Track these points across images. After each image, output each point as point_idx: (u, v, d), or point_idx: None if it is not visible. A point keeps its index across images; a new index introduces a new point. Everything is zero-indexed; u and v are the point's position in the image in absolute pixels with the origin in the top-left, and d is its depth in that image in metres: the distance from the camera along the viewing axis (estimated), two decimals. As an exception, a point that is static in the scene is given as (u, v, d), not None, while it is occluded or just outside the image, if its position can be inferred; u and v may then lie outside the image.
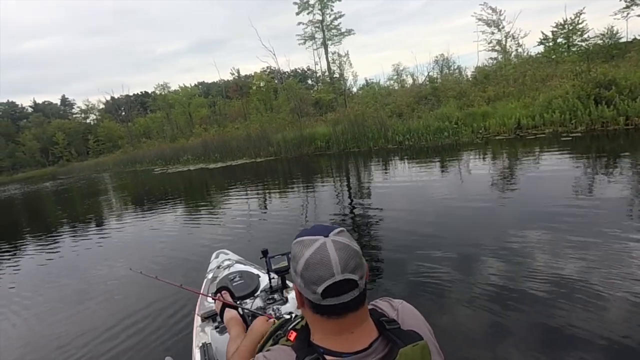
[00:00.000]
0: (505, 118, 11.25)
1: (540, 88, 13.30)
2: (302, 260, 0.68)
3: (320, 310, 0.70)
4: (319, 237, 0.70)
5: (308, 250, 0.68)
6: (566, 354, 2.21)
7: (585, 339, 2.28)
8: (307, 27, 27.89)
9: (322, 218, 6.14)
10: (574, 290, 2.78)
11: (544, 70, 15.62)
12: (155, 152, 27.09)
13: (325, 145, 15.16)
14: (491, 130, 11.41)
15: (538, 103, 11.58)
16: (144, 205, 10.76)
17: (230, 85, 38.32)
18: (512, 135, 10.79)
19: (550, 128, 10.34)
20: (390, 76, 28.79)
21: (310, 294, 0.68)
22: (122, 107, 55.45)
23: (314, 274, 0.67)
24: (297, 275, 0.70)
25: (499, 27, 22.41)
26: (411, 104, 16.61)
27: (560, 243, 3.62)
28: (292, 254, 0.73)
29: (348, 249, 0.69)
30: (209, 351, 1.68)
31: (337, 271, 0.66)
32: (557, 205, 4.67)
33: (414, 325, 0.77)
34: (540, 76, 14.89)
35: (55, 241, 7.79)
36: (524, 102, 12.18)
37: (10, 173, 51.34)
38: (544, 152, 8.37)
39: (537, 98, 12.04)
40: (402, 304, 0.83)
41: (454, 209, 5.40)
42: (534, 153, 8.44)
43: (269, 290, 1.98)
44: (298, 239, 0.73)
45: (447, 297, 3.02)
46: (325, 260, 0.67)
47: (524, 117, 11.03)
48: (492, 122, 11.44)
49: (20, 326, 3.93)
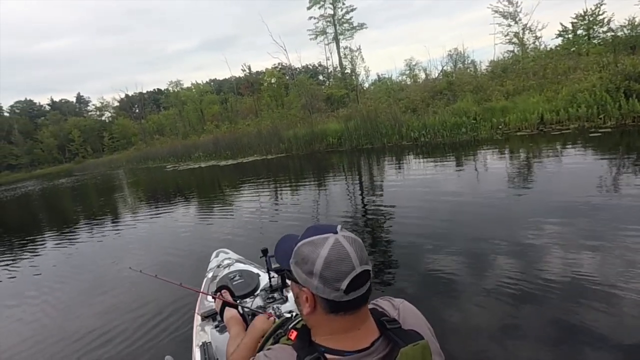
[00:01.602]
0: (527, 113, 10.70)
1: (563, 81, 12.71)
2: (319, 260, 0.67)
3: (338, 308, 0.69)
4: (328, 234, 0.70)
5: (323, 248, 0.68)
6: (580, 354, 2.14)
7: (600, 339, 2.21)
8: (319, 22, 27.47)
9: (331, 216, 5.97)
10: (591, 289, 2.70)
11: (566, 63, 14.95)
12: (167, 149, 27.22)
13: (337, 142, 14.83)
14: (511, 126, 10.88)
15: (561, 97, 11.03)
16: (151, 202, 10.76)
17: (242, 82, 38.31)
18: (534, 131, 10.24)
19: (576, 123, 9.77)
20: (403, 71, 28.25)
21: (331, 292, 0.67)
22: (135, 104, 56.17)
23: (336, 270, 0.66)
24: (313, 277, 0.68)
25: (515, 20, 21.71)
26: (426, 98, 16.13)
27: (578, 242, 3.50)
28: (299, 257, 0.71)
29: (357, 241, 0.71)
30: (209, 350, 1.67)
31: (356, 264, 0.67)
32: (578, 203, 4.47)
33: (415, 325, 0.77)
34: (562, 69, 14.25)
35: (63, 237, 7.84)
36: (546, 96, 11.62)
37: (29, 169, 52.64)
38: (569, 148, 7.90)
39: (560, 91, 11.49)
40: (403, 304, 0.83)
41: (469, 205, 5.23)
42: (558, 150, 7.96)
43: (269, 289, 1.97)
44: (305, 241, 0.71)
45: (459, 293, 2.98)
46: (344, 255, 0.67)
47: (547, 111, 10.48)
48: (513, 118, 10.91)
49: (18, 325, 3.90)
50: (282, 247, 0.80)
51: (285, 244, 0.79)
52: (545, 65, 15.10)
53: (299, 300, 0.75)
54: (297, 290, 0.76)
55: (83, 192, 18.37)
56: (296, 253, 0.72)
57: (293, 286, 0.78)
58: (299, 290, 0.74)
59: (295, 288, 0.77)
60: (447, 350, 0.76)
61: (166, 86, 45.34)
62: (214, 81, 52.61)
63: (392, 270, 3.61)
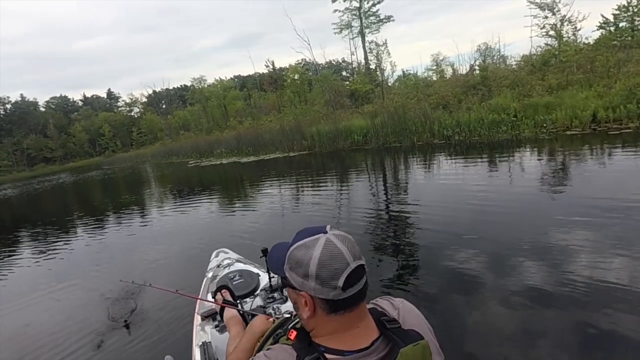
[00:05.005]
0: (578, 110, 9.62)
1: (615, 75, 11.47)
2: (312, 261, 0.67)
3: (337, 306, 0.68)
4: (318, 235, 0.70)
5: (315, 250, 0.68)
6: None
7: (627, 347, 2.11)
8: (344, 15, 26.77)
9: (349, 218, 5.69)
10: (619, 297, 2.58)
11: (615, 55, 13.58)
12: (190, 144, 27.33)
13: (363, 140, 14.10)
14: (558, 124, 9.83)
15: (614, 92, 9.88)
16: (170, 199, 10.73)
17: (265, 78, 38.14)
18: (587, 130, 9.17)
19: (637, 122, 8.64)
20: (429, 66, 27.03)
21: (329, 292, 0.67)
22: (162, 100, 57.43)
23: (331, 268, 0.66)
24: (309, 279, 0.68)
25: (553, 11, 20.25)
26: (458, 94, 15.13)
27: (614, 251, 3.26)
28: (293, 262, 0.71)
29: (348, 238, 0.71)
30: (209, 350, 1.66)
31: (350, 260, 0.67)
32: (618, 209, 4.07)
33: (415, 325, 0.76)
34: (613, 61, 12.93)
35: (70, 235, 8.04)
36: (596, 91, 10.47)
37: (62, 162, 54.98)
38: (630, 150, 6.90)
39: (613, 86, 10.32)
40: (403, 303, 0.82)
41: (503, 207, 4.93)
42: (617, 151, 7.00)
43: (269, 289, 1.96)
44: (296, 245, 0.72)
45: (483, 293, 2.94)
46: (337, 253, 0.67)
47: (601, 108, 9.37)
48: (561, 115, 9.84)
49: (17, 324, 3.91)
50: (275, 255, 0.79)
51: (277, 252, 0.79)
52: (593, 58, 13.79)
53: (298, 305, 0.75)
54: (294, 296, 0.75)
55: (110, 185, 18.81)
56: (289, 258, 0.72)
57: (290, 292, 0.76)
58: (296, 295, 0.73)
59: (292, 294, 0.76)
60: (466, 351, 0.95)
61: (190, 82, 45.99)
62: (237, 77, 52.78)
63: (414, 270, 3.58)
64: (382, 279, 3.39)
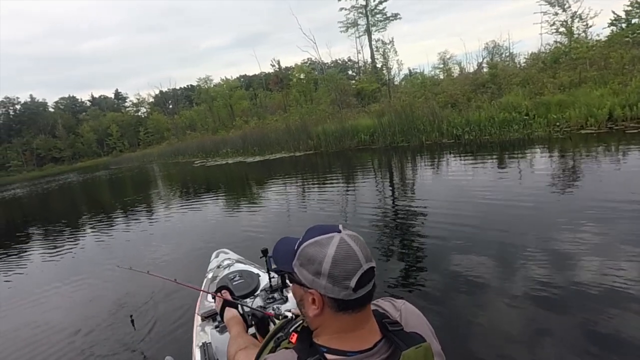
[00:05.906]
0: (593, 108, 9.32)
1: (630, 71, 11.13)
2: (326, 259, 0.67)
3: (346, 306, 0.68)
4: (333, 234, 0.70)
5: (330, 248, 0.67)
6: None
7: (634, 349, 2.07)
8: (350, 13, 26.55)
9: (355, 217, 5.59)
10: (627, 297, 2.53)
11: (630, 52, 13.20)
12: (196, 144, 27.36)
13: (370, 139, 13.89)
14: (572, 123, 9.54)
15: (630, 89, 9.56)
16: (172, 200, 10.65)
17: (271, 77, 38.08)
18: (603, 128, 8.87)
19: (655, 120, 8.35)
20: (436, 65, 26.68)
21: (340, 291, 0.67)
22: (169, 100, 57.70)
23: (345, 268, 0.66)
24: (321, 277, 0.67)
25: (564, 7, 19.81)
26: (466, 92, 14.85)
27: (624, 252, 3.17)
28: (305, 258, 0.70)
29: (360, 240, 0.71)
30: (209, 350, 1.67)
31: (362, 262, 0.67)
32: (633, 211, 3.93)
33: (417, 327, 0.76)
34: (627, 58, 12.56)
35: (70, 234, 8.02)
36: (611, 88, 10.15)
37: (70, 162, 55.59)
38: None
39: (629, 83, 10.00)
40: (404, 305, 0.82)
41: (513, 208, 4.80)
42: (633, 151, 6.72)
43: (269, 290, 1.96)
44: (309, 241, 0.71)
45: (489, 295, 2.90)
46: (351, 253, 0.67)
47: (618, 106, 9.06)
48: (574, 114, 9.55)
49: (15, 324, 3.91)
50: (282, 249, 0.79)
51: (284, 246, 0.79)
52: (607, 55, 13.42)
53: (304, 302, 0.73)
54: (301, 293, 0.74)
55: (117, 184, 18.88)
56: (300, 254, 0.72)
57: (296, 289, 0.76)
58: (303, 292, 0.72)
59: (299, 290, 0.75)
60: (470, 353, 0.93)
61: (196, 82, 46.13)
62: (243, 77, 52.83)
63: (419, 270, 3.55)
64: (387, 279, 3.37)
